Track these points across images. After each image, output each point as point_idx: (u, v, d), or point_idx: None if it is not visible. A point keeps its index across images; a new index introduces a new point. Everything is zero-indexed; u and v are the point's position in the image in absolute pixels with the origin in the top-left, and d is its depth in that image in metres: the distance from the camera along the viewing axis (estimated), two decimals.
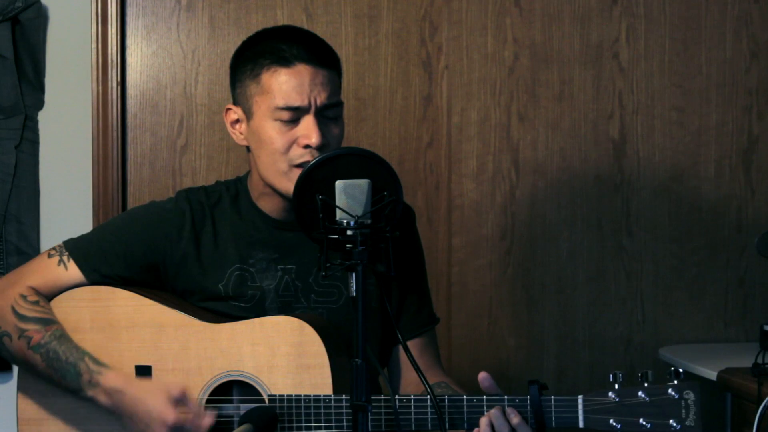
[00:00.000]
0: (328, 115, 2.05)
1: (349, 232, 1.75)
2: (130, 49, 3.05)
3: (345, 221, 1.75)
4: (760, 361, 2.55)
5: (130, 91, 3.05)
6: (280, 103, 2.02)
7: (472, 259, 3.12)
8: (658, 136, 3.17)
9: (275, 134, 2.03)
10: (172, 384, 1.98)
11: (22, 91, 3.00)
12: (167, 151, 3.07)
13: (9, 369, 3.01)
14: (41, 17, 3.00)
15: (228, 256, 2.12)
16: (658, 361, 3.10)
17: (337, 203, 1.77)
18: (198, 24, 3.07)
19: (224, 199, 2.17)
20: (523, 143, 3.13)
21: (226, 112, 2.14)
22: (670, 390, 1.81)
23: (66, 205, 3.04)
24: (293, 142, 2.02)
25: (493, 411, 1.85)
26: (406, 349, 1.85)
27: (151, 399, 1.96)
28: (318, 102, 2.02)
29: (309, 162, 1.89)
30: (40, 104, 3.03)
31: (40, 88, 3.03)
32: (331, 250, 1.77)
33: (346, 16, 3.08)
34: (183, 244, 2.12)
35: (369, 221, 1.76)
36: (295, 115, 2.02)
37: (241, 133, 2.12)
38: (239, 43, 3.03)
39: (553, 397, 1.86)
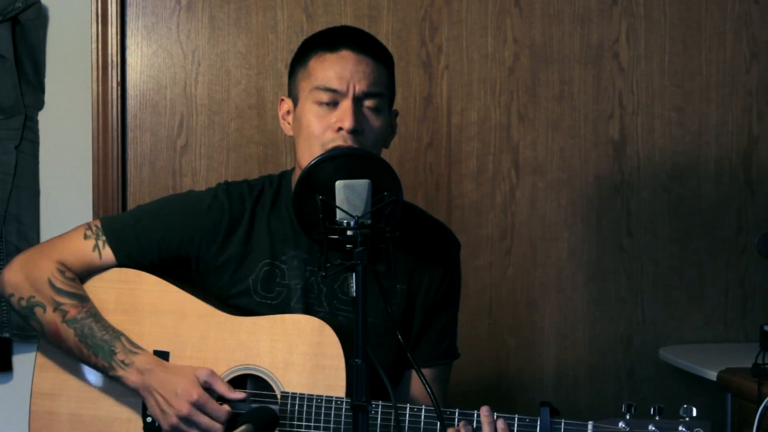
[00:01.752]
0: (369, 105, 2.05)
1: (349, 233, 1.75)
2: (130, 49, 3.05)
3: (345, 221, 1.76)
4: (760, 361, 2.56)
5: (130, 91, 3.05)
6: (320, 83, 2.04)
7: (472, 259, 3.12)
8: (658, 136, 3.17)
9: (313, 118, 2.04)
10: (201, 368, 2.01)
11: (22, 91, 2.99)
12: (167, 151, 3.07)
13: (9, 369, 3.01)
14: (41, 17, 3.00)
15: (260, 251, 2.12)
16: (658, 361, 3.10)
17: (337, 203, 1.77)
18: (198, 24, 3.07)
19: (266, 193, 2.17)
20: (523, 143, 3.13)
21: (280, 104, 2.17)
22: (681, 427, 1.81)
23: (66, 205, 3.04)
24: (329, 127, 2.03)
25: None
26: (419, 372, 1.84)
27: (179, 379, 1.99)
28: (357, 89, 2.03)
29: (340, 147, 1.96)
30: (40, 104, 3.03)
31: (40, 88, 3.03)
32: (332, 251, 1.77)
33: (346, 16, 3.08)
34: (218, 239, 2.12)
35: (369, 221, 1.76)
36: (333, 98, 2.03)
37: (289, 124, 2.14)
38: (239, 43, 3.06)
39: (563, 420, 1.86)
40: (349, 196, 1.77)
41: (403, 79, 3.09)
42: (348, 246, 1.74)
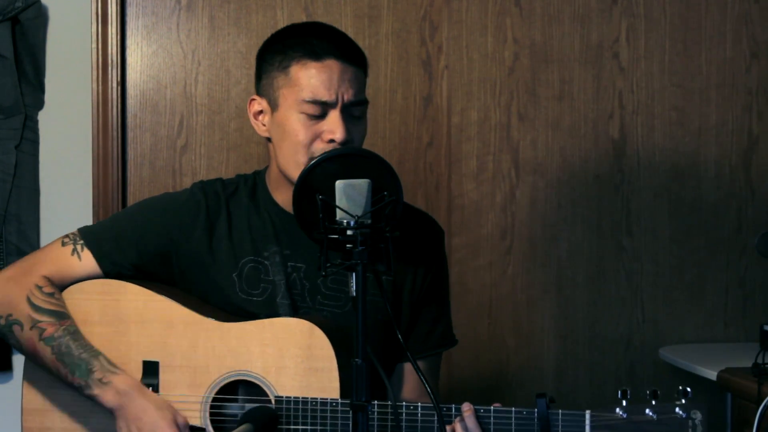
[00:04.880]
0: (354, 112, 2.05)
1: (349, 232, 1.75)
2: (130, 49, 3.05)
3: (345, 221, 1.76)
4: (760, 361, 2.56)
5: (130, 91, 3.05)
6: (308, 96, 2.02)
7: (472, 259, 3.12)
8: (658, 136, 3.17)
9: (300, 126, 2.03)
10: (180, 414, 2.01)
11: (22, 91, 3.00)
12: (167, 151, 3.07)
13: (9, 369, 3.01)
14: (41, 17, 3.00)
15: (243, 248, 2.12)
16: (658, 361, 3.10)
17: (337, 203, 1.77)
18: (198, 24, 3.07)
19: (241, 191, 2.17)
20: (523, 143, 3.13)
21: (250, 103, 2.14)
22: (677, 409, 1.82)
23: (66, 205, 3.04)
24: (317, 137, 2.03)
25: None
26: (415, 365, 1.83)
27: (159, 413, 1.99)
28: (345, 98, 2.03)
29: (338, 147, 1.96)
30: (40, 104, 3.03)
31: (40, 88, 3.03)
32: (332, 250, 1.77)
33: (346, 16, 3.08)
34: (197, 234, 2.12)
35: (369, 221, 1.76)
36: (322, 109, 2.02)
37: (263, 125, 2.12)
38: (239, 42, 3.06)
39: (560, 411, 1.86)
40: (349, 195, 1.77)
41: (403, 79, 3.09)
42: (348, 246, 1.74)
